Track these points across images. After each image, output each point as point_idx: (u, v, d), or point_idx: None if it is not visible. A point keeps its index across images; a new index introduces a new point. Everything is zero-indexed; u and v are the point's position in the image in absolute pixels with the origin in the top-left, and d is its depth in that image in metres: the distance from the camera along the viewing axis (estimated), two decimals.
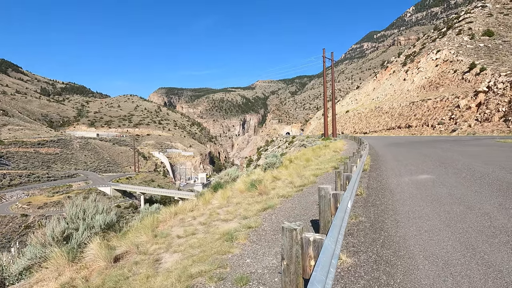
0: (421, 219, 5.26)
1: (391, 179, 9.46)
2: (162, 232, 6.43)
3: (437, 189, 7.70)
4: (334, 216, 3.36)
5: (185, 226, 6.89)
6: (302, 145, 45.03)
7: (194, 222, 7.17)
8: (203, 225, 6.72)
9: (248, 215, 6.89)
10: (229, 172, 13.69)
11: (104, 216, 6.14)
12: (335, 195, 4.15)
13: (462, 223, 4.89)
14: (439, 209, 5.82)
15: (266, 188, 9.76)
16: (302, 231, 2.47)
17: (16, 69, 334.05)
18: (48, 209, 73.43)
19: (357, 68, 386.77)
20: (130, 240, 5.89)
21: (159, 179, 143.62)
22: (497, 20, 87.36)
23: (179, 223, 7.42)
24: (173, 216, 8.13)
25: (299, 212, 6.56)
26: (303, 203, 7.43)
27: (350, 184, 5.01)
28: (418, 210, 5.80)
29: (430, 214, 5.51)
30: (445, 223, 4.93)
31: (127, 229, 6.58)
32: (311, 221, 5.69)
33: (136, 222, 7.23)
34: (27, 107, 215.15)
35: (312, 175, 11.55)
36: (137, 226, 6.85)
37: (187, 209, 8.54)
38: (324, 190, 4.13)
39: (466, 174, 9.51)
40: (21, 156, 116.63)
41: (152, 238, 5.98)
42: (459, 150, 18.89)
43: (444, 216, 5.34)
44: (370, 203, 6.61)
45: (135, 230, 6.46)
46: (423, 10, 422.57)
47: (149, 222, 6.99)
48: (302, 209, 6.90)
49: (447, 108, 63.73)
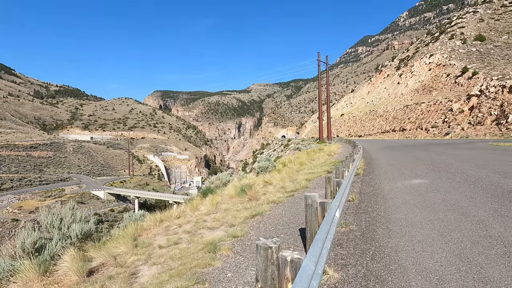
0: (414, 227, 5.01)
1: (384, 184, 9.24)
2: (143, 242, 6.10)
3: (430, 194, 7.49)
4: (319, 229, 3.09)
5: (169, 235, 6.56)
6: (297, 148, 44.87)
7: (179, 230, 6.85)
8: (188, 234, 6.40)
9: (236, 222, 6.59)
10: (220, 176, 13.38)
11: (82, 225, 5.78)
12: (322, 204, 3.89)
13: (456, 232, 4.65)
14: (433, 216, 5.58)
15: (256, 193, 9.47)
16: (278, 249, 2.19)
17: (9, 72, 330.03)
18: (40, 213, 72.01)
19: (352, 72, 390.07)
20: (108, 250, 5.54)
21: (154, 183, 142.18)
22: (488, 25, 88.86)
23: (163, 231, 7.08)
24: (158, 224, 7.79)
25: (288, 220, 6.27)
26: (293, 210, 7.16)
27: (339, 192, 4.74)
28: (411, 218, 5.55)
29: (423, 222, 5.27)
30: (438, 232, 4.68)
31: (108, 238, 6.23)
32: (300, 229, 5.42)
33: (117, 231, 6.88)
34: (19, 110, 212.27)
35: (304, 180, 11.30)
36: (118, 235, 6.50)
37: (173, 216, 8.20)
38: (310, 198, 3.86)
39: (460, 179, 9.33)
40: (13, 160, 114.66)
41: (132, 248, 5.64)
42: (453, 153, 18.83)
43: (438, 224, 5.10)
44: (362, 210, 6.36)
45: (116, 240, 6.11)
46: (416, 15, 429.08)
47: (131, 231, 6.65)
48: (291, 215, 6.63)
49: (441, 112, 64.30)
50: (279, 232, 5.44)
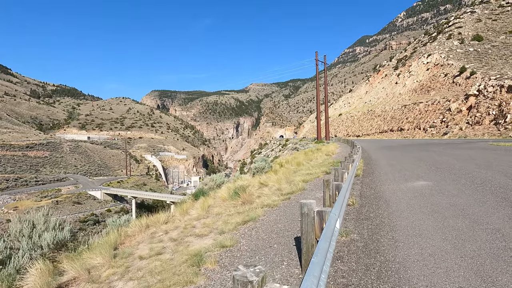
0: (423, 237, 4.49)
1: (385, 186, 8.74)
2: (124, 252, 5.54)
3: (436, 198, 6.98)
4: (316, 246, 2.58)
5: (153, 243, 6.01)
6: (294, 148, 44.41)
7: (165, 237, 6.30)
8: (174, 242, 5.85)
9: (226, 229, 6.06)
10: (214, 177, 12.83)
11: (54, 233, 5.23)
12: (320, 212, 3.37)
13: (471, 244, 4.14)
14: (442, 223, 5.07)
15: (250, 196, 8.93)
16: (262, 284, 1.67)
17: (5, 71, 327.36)
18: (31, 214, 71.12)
19: (350, 72, 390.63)
20: (83, 262, 4.99)
21: (151, 183, 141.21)
22: (486, 25, 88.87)
23: (148, 238, 6.53)
24: (144, 230, 7.23)
25: (283, 226, 5.75)
26: (289, 215, 6.63)
27: (339, 198, 4.21)
28: (418, 225, 5.04)
29: (432, 230, 4.76)
30: (451, 243, 4.17)
31: (86, 247, 5.69)
32: (295, 238, 4.90)
33: (97, 238, 6.32)
34: (15, 109, 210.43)
35: (301, 181, 10.78)
36: (98, 243, 5.95)
37: (161, 221, 7.64)
38: (307, 206, 3.35)
39: (465, 181, 8.85)
40: (9, 160, 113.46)
41: (110, 259, 5.09)
42: (453, 153, 18.39)
43: (449, 233, 4.59)
44: (364, 216, 5.85)
45: (94, 249, 5.57)
46: (413, 15, 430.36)
47: (112, 239, 6.09)
48: (287, 222, 6.10)
49: (439, 111, 64.08)
50: (272, 241, 4.92)
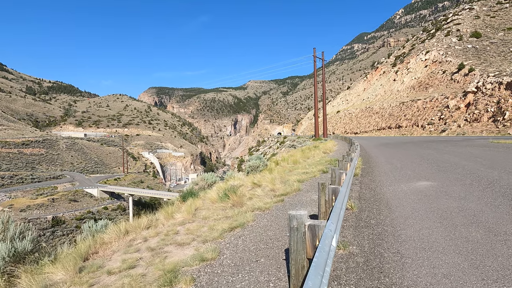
0: (433, 251, 3.88)
1: (386, 187, 8.15)
2: (93, 264, 4.90)
3: (442, 201, 6.39)
4: (307, 274, 1.96)
5: (128, 253, 5.37)
6: (292, 146, 43.86)
7: (143, 246, 5.66)
8: (151, 252, 5.22)
9: (211, 237, 5.44)
10: (206, 177, 12.19)
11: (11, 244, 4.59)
12: (312, 227, 2.75)
13: (491, 260, 3.53)
14: (453, 233, 4.47)
15: (241, 198, 8.30)
16: None
17: (1, 67, 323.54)
18: (31, 212, 70.34)
19: (348, 69, 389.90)
20: (43, 278, 4.36)
21: (148, 180, 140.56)
22: (484, 22, 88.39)
23: (124, 247, 5.88)
24: (123, 236, 6.58)
25: (274, 234, 5.14)
26: (281, 220, 6.02)
27: (336, 206, 3.57)
28: (427, 236, 4.43)
29: (443, 242, 4.15)
30: (468, 260, 3.55)
31: (51, 258, 5.05)
32: (286, 250, 4.29)
33: (66, 248, 5.68)
34: (11, 106, 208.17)
35: (297, 181, 10.17)
36: (66, 253, 5.31)
37: (142, 226, 7.00)
38: (296, 219, 2.73)
39: (471, 181, 8.27)
40: (4, 157, 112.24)
41: (74, 274, 4.45)
42: (454, 151, 17.86)
43: (463, 246, 3.98)
44: (363, 223, 5.24)
45: (60, 261, 4.93)
46: (412, 12, 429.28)
47: (83, 248, 5.45)
48: (278, 228, 5.49)
49: (437, 109, 63.68)
50: (260, 253, 4.30)
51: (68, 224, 69.05)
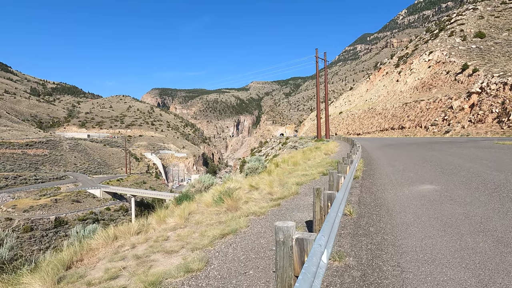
0: (437, 265, 3.56)
1: (387, 191, 7.82)
2: (75, 273, 4.64)
3: (446, 206, 6.05)
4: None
5: (113, 261, 5.10)
6: (294, 147, 43.53)
7: (130, 253, 5.39)
8: (137, 260, 4.95)
9: (201, 244, 5.16)
10: (203, 179, 11.92)
11: None
12: (300, 241, 2.45)
13: (502, 277, 3.18)
14: (459, 243, 4.14)
15: (237, 202, 8.02)
16: None
17: (5, 69, 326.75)
18: (34, 212, 70.68)
19: (351, 70, 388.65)
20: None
21: (151, 181, 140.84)
22: (488, 22, 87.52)
23: (111, 254, 5.62)
24: (111, 242, 6.32)
25: (266, 243, 4.85)
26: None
27: (329, 216, 3.25)
28: (430, 246, 4.10)
29: (447, 254, 3.83)
30: (476, 277, 3.21)
31: (32, 266, 4.80)
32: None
33: (49, 255, 5.42)
34: (15, 107, 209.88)
35: (295, 184, 9.88)
36: (48, 261, 5.05)
37: (132, 231, 6.73)
38: (283, 232, 2.43)
39: (477, 185, 7.91)
40: (8, 158, 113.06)
41: (52, 285, 4.19)
42: (458, 152, 17.44)
43: (470, 258, 3.66)
44: (362, 230, 4.93)
45: (41, 269, 4.67)
46: (415, 13, 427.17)
47: (66, 255, 5.19)
48: (271, 236, 5.21)
49: (440, 109, 63.01)
50: (250, 265, 4.01)
51: (70, 225, 69.25)
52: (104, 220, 74.49)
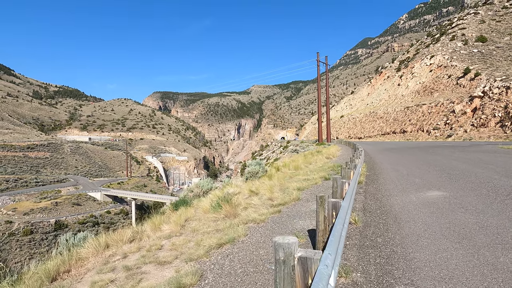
0: (455, 284, 3.20)
1: (393, 197, 7.47)
2: (59, 286, 4.30)
3: (458, 215, 5.70)
4: None
5: (102, 273, 4.77)
6: (295, 151, 43.20)
7: (120, 264, 5.06)
8: (127, 272, 4.61)
9: (196, 255, 4.82)
10: (201, 184, 11.59)
11: None
12: (304, 261, 2.12)
13: None
14: (477, 258, 3.78)
15: (235, 208, 7.69)
16: None
17: (8, 72, 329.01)
18: (35, 215, 70.48)
19: (352, 74, 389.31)
20: None
21: (152, 184, 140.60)
22: (490, 26, 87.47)
23: (101, 264, 5.29)
24: (103, 250, 5.99)
25: (265, 254, 4.51)
26: (277, 234, 5.40)
27: (335, 227, 2.91)
28: (445, 261, 3.74)
29: (466, 271, 3.46)
30: None
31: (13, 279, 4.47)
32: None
33: (34, 265, 5.09)
34: (17, 110, 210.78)
35: (296, 189, 9.54)
36: (32, 273, 4.73)
37: (125, 239, 6.40)
38: (283, 249, 2.10)
39: (487, 191, 7.55)
40: (9, 161, 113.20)
41: None
42: (463, 157, 17.06)
43: (492, 277, 3.29)
44: (369, 241, 4.59)
45: (24, 281, 4.34)
46: (415, 17, 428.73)
47: (52, 266, 4.86)
48: (272, 246, 4.86)
49: (442, 113, 62.62)
50: (247, 280, 3.68)
51: (70, 228, 68.94)
52: (104, 224, 74.15)
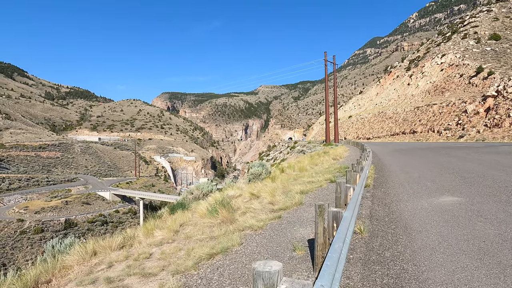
0: None
1: (403, 203, 6.91)
2: None
3: (476, 224, 5.13)
4: None
5: (82, 285, 4.39)
6: (301, 151, 42.60)
7: (103, 275, 4.68)
8: (108, 285, 4.23)
9: (184, 266, 4.41)
10: (201, 186, 11.20)
11: None
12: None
13: None
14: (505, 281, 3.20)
15: (232, 213, 7.26)
16: None
17: (22, 74, 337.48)
18: (45, 214, 71.69)
19: (360, 74, 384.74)
20: None
21: (160, 184, 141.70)
22: (504, 24, 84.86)
23: (83, 274, 4.93)
24: (89, 258, 5.64)
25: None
26: (274, 244, 4.93)
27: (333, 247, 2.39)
28: (466, 283, 3.18)
29: None
30: None
31: None
32: None
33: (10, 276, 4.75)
34: (30, 111, 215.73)
35: (299, 192, 9.07)
36: (9, 283, 4.39)
37: (114, 245, 6.05)
38: (262, 280, 1.64)
39: (507, 197, 6.92)
40: (22, 160, 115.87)
41: None
42: (478, 159, 16.23)
43: None
44: (375, 255, 4.08)
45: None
46: (426, 16, 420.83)
47: (31, 276, 4.51)
48: (268, 258, 4.40)
49: (454, 113, 60.91)
50: None
51: (80, 227, 69.87)
52: (112, 223, 74.91)
